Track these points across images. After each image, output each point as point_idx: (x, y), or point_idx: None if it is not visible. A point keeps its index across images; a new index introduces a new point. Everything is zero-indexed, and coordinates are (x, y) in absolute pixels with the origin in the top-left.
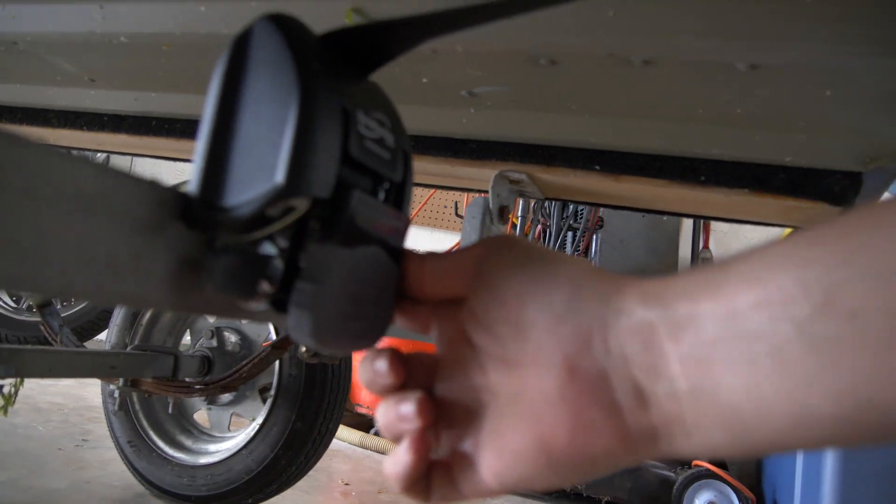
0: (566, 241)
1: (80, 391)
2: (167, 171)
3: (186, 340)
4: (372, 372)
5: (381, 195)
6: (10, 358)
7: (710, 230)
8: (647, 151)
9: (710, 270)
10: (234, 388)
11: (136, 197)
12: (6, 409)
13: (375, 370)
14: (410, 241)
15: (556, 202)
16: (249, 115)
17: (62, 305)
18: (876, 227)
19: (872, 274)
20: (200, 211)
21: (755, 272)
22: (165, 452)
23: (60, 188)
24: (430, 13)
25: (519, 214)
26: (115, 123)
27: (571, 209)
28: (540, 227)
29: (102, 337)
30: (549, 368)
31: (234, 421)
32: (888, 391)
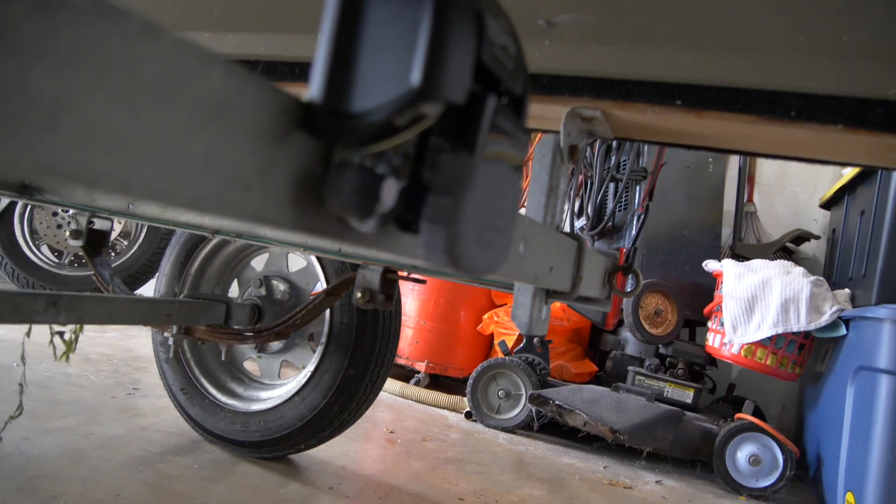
0: (608, 191)
1: (126, 342)
2: None
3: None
4: None
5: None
6: (71, 305)
7: (754, 183)
8: (735, 85)
9: None
10: (286, 335)
11: (260, 102)
12: (68, 355)
13: None
14: None
15: (598, 152)
16: (377, 13)
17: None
18: None
19: None
20: (325, 119)
21: None
22: (218, 399)
23: (193, 88)
24: None
25: None
26: None
27: (614, 160)
28: (581, 177)
29: (141, 291)
30: None
31: (282, 369)
32: None
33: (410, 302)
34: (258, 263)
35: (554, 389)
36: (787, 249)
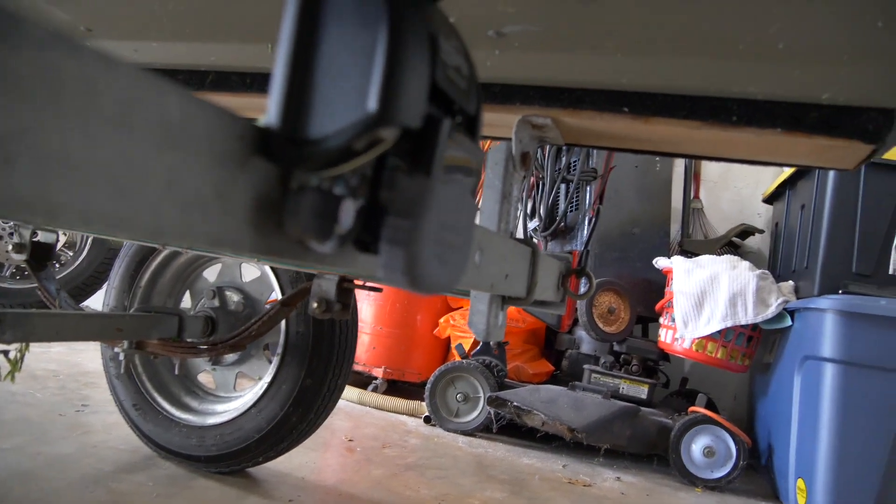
0: (559, 192)
1: (74, 357)
2: None
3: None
4: None
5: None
6: (16, 322)
7: (700, 180)
8: (679, 92)
9: None
10: (242, 346)
11: (217, 128)
12: (13, 374)
13: None
14: None
15: (549, 154)
16: (332, 39)
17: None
18: None
19: None
20: (282, 145)
21: None
22: (172, 414)
23: (150, 117)
24: None
25: None
26: None
27: (564, 161)
28: (533, 179)
29: (88, 303)
30: None
31: (238, 381)
32: None
33: (366, 307)
34: (211, 274)
35: (512, 391)
36: (733, 244)
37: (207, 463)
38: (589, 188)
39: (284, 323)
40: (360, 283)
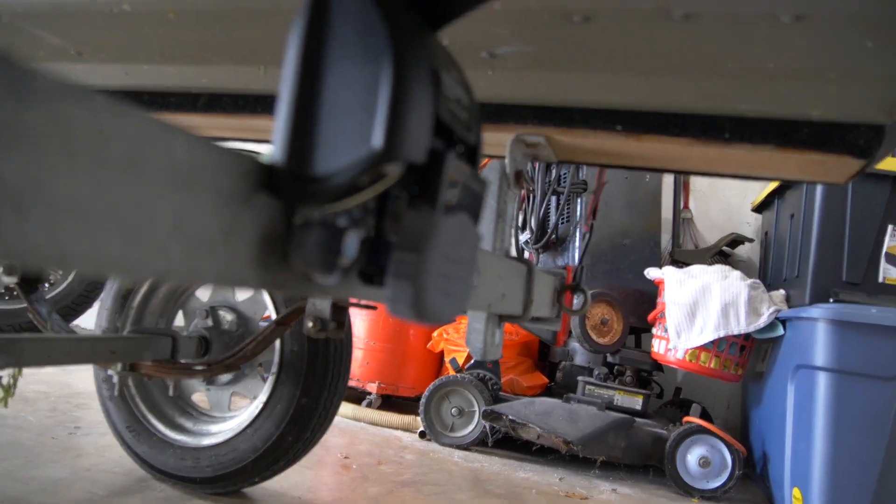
0: (550, 205)
1: (64, 378)
2: None
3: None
4: None
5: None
6: (8, 347)
7: (689, 190)
8: (671, 110)
9: None
10: (237, 367)
11: (223, 167)
12: (6, 400)
13: None
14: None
15: (539, 167)
16: (335, 76)
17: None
18: None
19: None
20: (287, 181)
21: None
22: (167, 436)
23: (158, 160)
24: None
25: None
26: None
27: (554, 173)
28: (524, 192)
29: (79, 322)
30: None
31: (232, 399)
32: None
33: (359, 322)
34: (203, 293)
35: (507, 404)
36: (723, 253)
37: (203, 484)
38: (580, 200)
39: (279, 342)
40: (355, 300)
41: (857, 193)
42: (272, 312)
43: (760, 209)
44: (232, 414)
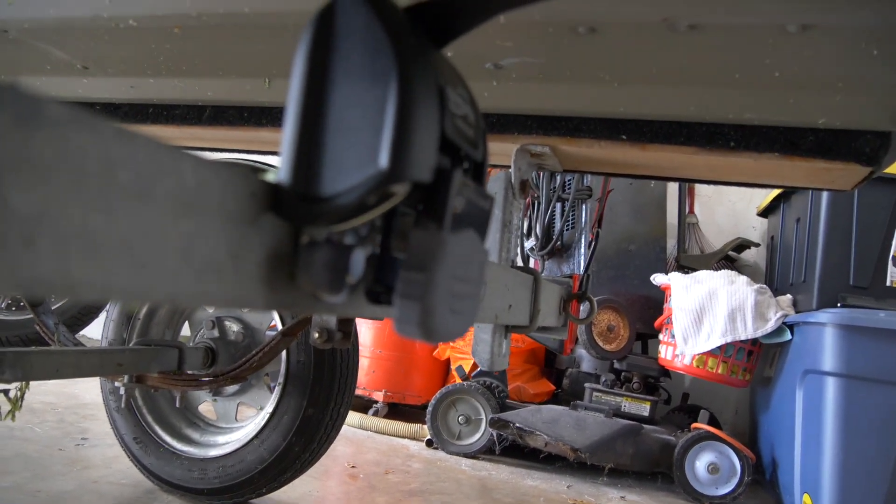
0: (555, 211)
1: (71, 389)
2: None
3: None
4: None
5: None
6: (16, 361)
7: (694, 195)
8: (676, 119)
9: None
10: (243, 378)
11: (230, 189)
12: (13, 413)
13: None
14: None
15: (544, 173)
16: (341, 96)
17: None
18: None
19: None
20: (294, 202)
21: None
22: (174, 447)
23: (167, 185)
24: None
25: None
26: (108, 112)
27: (559, 180)
28: (528, 199)
29: (85, 332)
30: None
31: (239, 409)
32: None
33: (365, 331)
34: None
35: (513, 412)
36: (729, 258)
37: (210, 495)
38: (585, 206)
39: (285, 352)
40: None
41: (863, 197)
42: (278, 323)
43: (766, 213)
44: (239, 424)
